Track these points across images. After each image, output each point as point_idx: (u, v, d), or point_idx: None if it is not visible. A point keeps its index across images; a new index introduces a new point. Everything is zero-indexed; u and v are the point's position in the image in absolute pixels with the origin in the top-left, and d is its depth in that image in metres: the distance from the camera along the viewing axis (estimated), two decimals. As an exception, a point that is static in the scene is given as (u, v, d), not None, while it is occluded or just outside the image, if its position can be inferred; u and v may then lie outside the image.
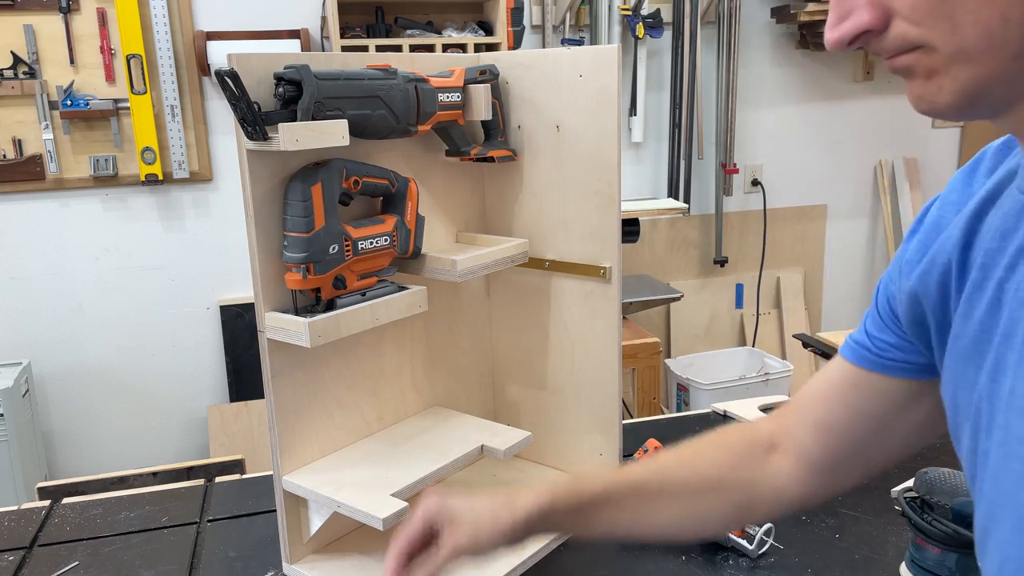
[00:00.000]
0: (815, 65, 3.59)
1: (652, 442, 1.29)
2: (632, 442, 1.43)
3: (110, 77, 2.85)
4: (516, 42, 2.93)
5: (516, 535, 0.84)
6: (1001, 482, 0.59)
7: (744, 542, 1.16)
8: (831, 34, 0.56)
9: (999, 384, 0.60)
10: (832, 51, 0.57)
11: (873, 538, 1.20)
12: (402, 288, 1.15)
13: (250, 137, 0.97)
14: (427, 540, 0.86)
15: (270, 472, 1.17)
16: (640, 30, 3.22)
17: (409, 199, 1.17)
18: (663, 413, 1.81)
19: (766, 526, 1.17)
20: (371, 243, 1.10)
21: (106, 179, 2.91)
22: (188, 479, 1.57)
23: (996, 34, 0.50)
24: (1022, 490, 0.56)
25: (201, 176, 3.01)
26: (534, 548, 1.18)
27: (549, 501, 0.85)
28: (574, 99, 1.23)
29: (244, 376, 3.13)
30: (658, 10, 3.25)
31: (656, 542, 0.86)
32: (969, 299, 0.63)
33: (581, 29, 3.27)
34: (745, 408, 1.61)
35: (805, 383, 0.84)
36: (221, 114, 2.98)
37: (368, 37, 2.83)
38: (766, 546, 1.17)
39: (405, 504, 1.05)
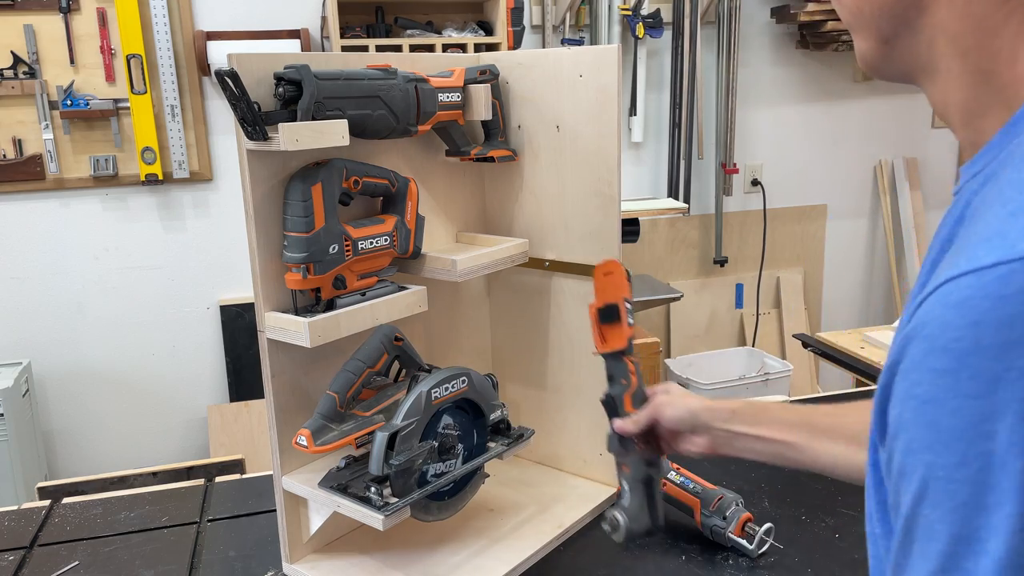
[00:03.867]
0: (815, 65, 3.59)
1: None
2: (632, 442, 1.43)
3: (110, 77, 2.85)
4: (516, 42, 2.93)
5: (720, 417, 1.01)
6: None
7: (744, 542, 1.16)
8: None
9: None
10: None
11: (873, 538, 1.20)
12: (402, 288, 1.15)
13: (250, 137, 0.97)
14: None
15: (270, 472, 1.17)
16: (640, 30, 3.22)
17: (409, 199, 1.17)
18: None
19: (766, 526, 1.17)
20: (371, 243, 1.10)
21: (106, 179, 2.91)
22: (188, 479, 1.57)
23: (858, 20, 0.61)
24: None
25: (201, 176, 3.01)
26: (534, 548, 1.18)
27: (742, 406, 1.02)
28: (574, 99, 1.23)
29: (244, 376, 3.13)
30: (658, 10, 3.25)
31: (817, 471, 0.97)
32: None
33: (581, 29, 3.27)
34: (745, 408, 1.61)
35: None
36: (221, 114, 2.98)
37: (368, 37, 2.83)
38: (766, 546, 1.17)
39: (405, 504, 1.05)
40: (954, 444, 0.46)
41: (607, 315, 1.08)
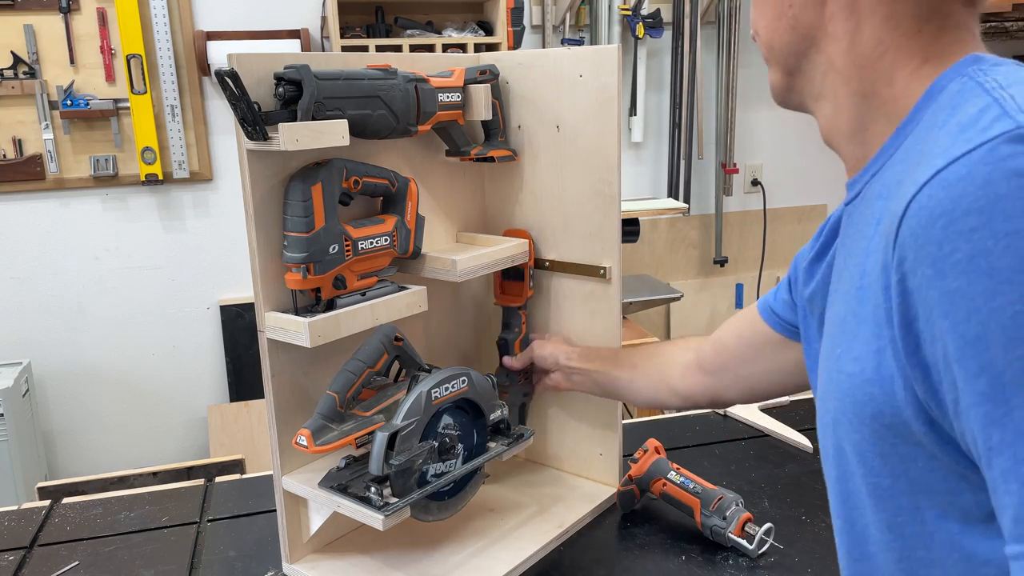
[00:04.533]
0: (815, 65, 3.59)
1: (652, 442, 1.29)
2: (632, 442, 1.43)
3: (110, 77, 2.85)
4: (516, 42, 2.93)
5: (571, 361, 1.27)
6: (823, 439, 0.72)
7: (744, 541, 1.16)
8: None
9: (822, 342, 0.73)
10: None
11: (873, 538, 1.20)
12: (402, 288, 1.15)
13: (250, 137, 0.97)
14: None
15: (270, 472, 1.17)
16: (640, 30, 3.22)
17: (409, 199, 1.17)
18: (663, 413, 1.81)
19: (766, 526, 1.17)
20: (371, 243, 1.10)
21: (106, 179, 2.91)
22: (188, 479, 1.57)
23: (771, 54, 0.75)
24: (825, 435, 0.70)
25: (201, 176, 3.01)
26: (534, 548, 1.18)
27: (584, 348, 1.28)
28: (574, 99, 1.23)
29: (244, 376, 3.13)
30: (658, 10, 3.25)
31: (624, 398, 1.26)
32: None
33: (581, 29, 3.27)
34: (744, 408, 1.62)
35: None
36: (221, 114, 2.98)
37: (368, 37, 2.83)
38: (766, 546, 1.17)
39: (405, 504, 1.05)
40: (1018, 277, 0.50)
41: (510, 273, 1.33)
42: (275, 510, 1.16)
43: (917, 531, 0.61)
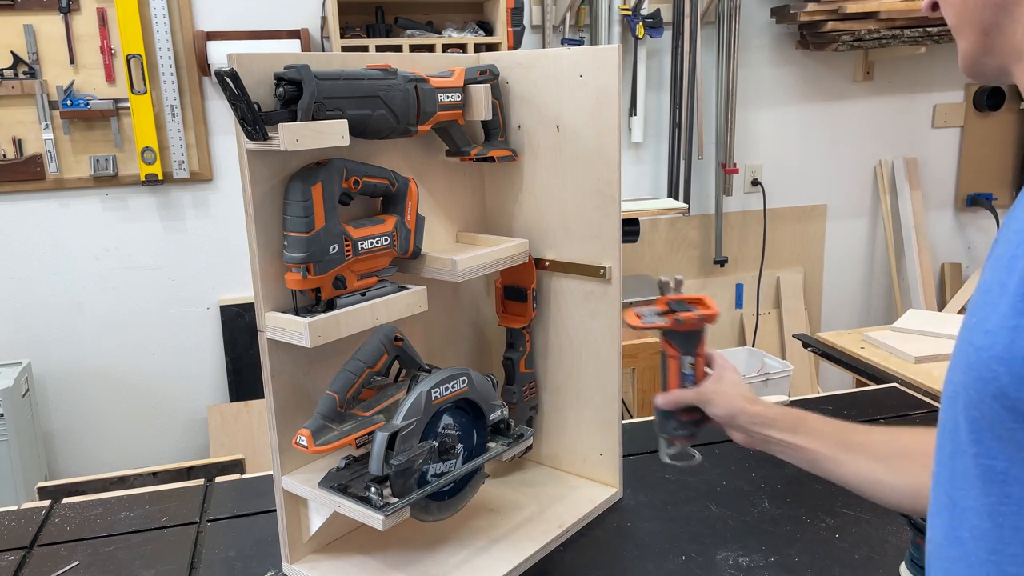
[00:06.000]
0: (815, 65, 3.59)
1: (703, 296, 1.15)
2: (632, 442, 1.44)
3: (110, 77, 2.85)
4: (516, 42, 2.93)
5: (745, 420, 1.06)
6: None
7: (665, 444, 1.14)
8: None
9: None
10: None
11: (873, 538, 1.20)
12: (402, 288, 1.15)
13: (250, 137, 0.97)
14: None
15: (270, 472, 1.17)
16: (640, 30, 3.22)
17: (409, 199, 1.17)
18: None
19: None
20: (371, 243, 1.10)
21: (106, 179, 2.91)
22: (188, 479, 1.57)
23: (962, 16, 0.69)
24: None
25: (201, 176, 3.01)
26: (534, 548, 1.18)
27: (781, 414, 1.05)
28: (574, 99, 1.23)
29: (244, 376, 3.13)
30: (658, 10, 3.25)
31: (842, 483, 1.01)
32: None
33: (581, 29, 3.27)
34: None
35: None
36: (221, 114, 2.98)
37: (368, 37, 2.83)
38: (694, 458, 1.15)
39: (405, 504, 1.05)
40: None
41: (512, 293, 1.33)
42: (275, 510, 1.16)
43: (1019, 525, 0.58)
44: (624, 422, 1.36)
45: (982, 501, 0.60)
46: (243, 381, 3.13)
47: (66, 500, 1.43)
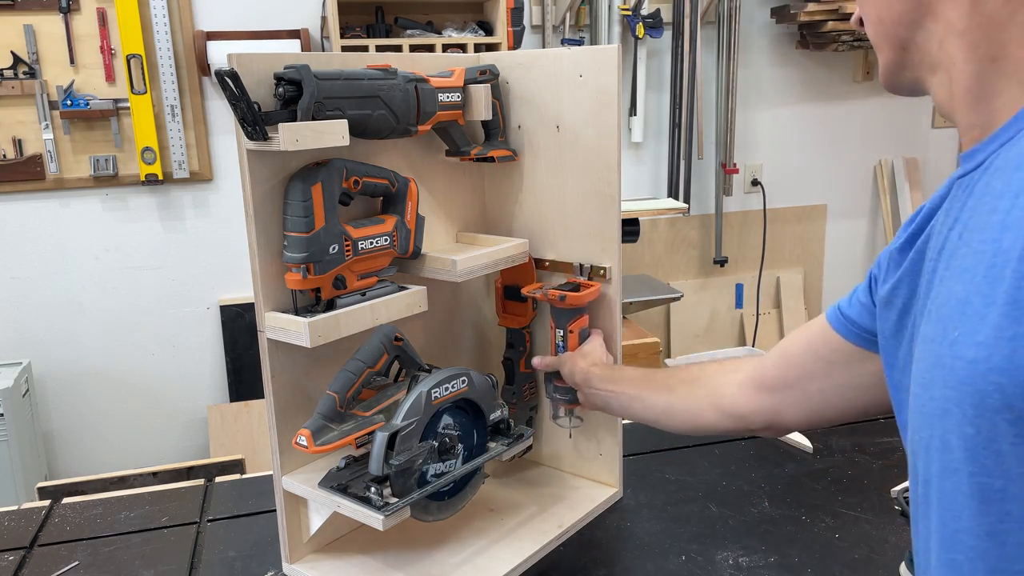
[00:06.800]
0: (815, 65, 3.59)
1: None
2: (632, 442, 1.44)
3: (110, 77, 2.85)
4: (516, 42, 2.93)
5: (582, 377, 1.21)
6: (915, 443, 0.66)
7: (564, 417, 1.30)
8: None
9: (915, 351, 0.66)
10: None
11: (873, 538, 1.20)
12: (402, 288, 1.15)
13: (250, 137, 0.97)
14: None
15: (270, 472, 1.17)
16: (640, 30, 3.22)
17: (409, 199, 1.17)
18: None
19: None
20: (371, 243, 1.10)
21: (106, 179, 2.91)
22: (188, 479, 1.57)
23: (879, 31, 0.71)
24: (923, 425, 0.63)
25: (201, 176, 3.01)
26: (534, 548, 1.18)
27: (603, 368, 1.21)
28: (574, 99, 1.23)
29: (244, 376, 3.13)
30: (658, 10, 3.25)
31: (651, 421, 1.15)
32: (897, 281, 0.75)
33: (581, 29, 3.27)
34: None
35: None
36: (221, 114, 2.98)
37: (368, 37, 2.83)
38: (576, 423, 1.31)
39: (405, 504, 1.05)
40: None
41: (512, 293, 1.34)
42: (275, 510, 1.16)
43: (1022, 540, 0.57)
44: (624, 422, 1.36)
45: (981, 520, 0.59)
46: (243, 381, 3.13)
47: (66, 500, 1.44)
